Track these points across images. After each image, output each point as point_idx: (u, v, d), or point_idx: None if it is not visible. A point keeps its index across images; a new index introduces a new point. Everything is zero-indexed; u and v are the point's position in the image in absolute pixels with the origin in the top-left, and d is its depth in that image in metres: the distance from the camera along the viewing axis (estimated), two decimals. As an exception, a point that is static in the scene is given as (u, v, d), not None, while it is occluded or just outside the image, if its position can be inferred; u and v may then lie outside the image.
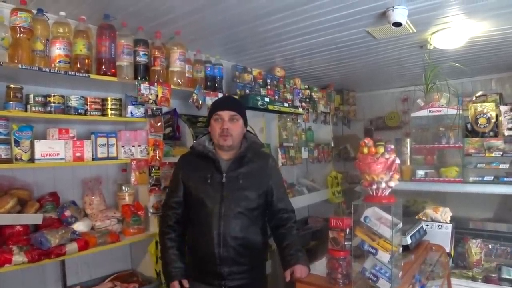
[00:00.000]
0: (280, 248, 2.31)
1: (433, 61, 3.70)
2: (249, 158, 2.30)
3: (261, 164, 2.34)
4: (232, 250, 2.14)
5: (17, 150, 2.21)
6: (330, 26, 3.02)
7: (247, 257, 2.20)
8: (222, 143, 2.23)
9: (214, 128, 2.26)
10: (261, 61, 4.04)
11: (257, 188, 2.27)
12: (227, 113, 2.24)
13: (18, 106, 2.25)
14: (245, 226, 2.18)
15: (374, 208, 1.78)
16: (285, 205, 2.38)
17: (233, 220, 2.15)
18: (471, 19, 2.97)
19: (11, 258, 2.08)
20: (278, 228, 2.34)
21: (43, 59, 2.34)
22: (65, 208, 2.54)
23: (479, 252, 2.97)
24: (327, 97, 5.41)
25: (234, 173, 2.23)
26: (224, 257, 2.13)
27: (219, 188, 2.20)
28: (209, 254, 2.14)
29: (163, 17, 2.74)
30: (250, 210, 2.22)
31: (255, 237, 2.25)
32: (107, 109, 2.65)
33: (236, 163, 2.26)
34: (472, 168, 3.20)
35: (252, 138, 2.41)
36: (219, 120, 2.24)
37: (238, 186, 2.21)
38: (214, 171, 2.23)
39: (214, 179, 2.21)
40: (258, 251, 2.29)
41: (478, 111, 3.20)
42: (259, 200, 2.27)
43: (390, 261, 1.70)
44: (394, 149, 1.76)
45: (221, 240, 2.13)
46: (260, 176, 2.31)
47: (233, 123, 2.25)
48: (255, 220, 2.26)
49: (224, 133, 2.21)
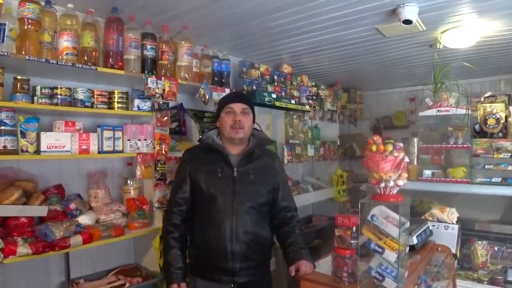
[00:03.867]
0: (283, 246, 2.29)
1: (442, 60, 3.66)
2: (257, 154, 2.29)
3: (268, 161, 2.34)
4: (244, 245, 2.12)
5: (23, 142, 2.22)
6: (339, 23, 3.00)
7: (257, 253, 2.19)
8: (233, 136, 2.20)
9: (225, 121, 2.22)
10: (269, 57, 4.02)
11: (266, 184, 2.26)
12: (239, 106, 2.23)
13: (25, 97, 2.25)
14: (255, 221, 2.17)
15: (381, 206, 1.75)
16: (289, 203, 2.37)
17: (244, 215, 2.13)
18: (482, 18, 2.93)
19: (16, 249, 2.08)
20: (281, 227, 2.33)
21: (50, 51, 2.34)
22: (70, 200, 2.55)
23: (485, 254, 2.94)
24: (334, 95, 5.38)
25: (245, 168, 2.21)
26: (237, 252, 2.10)
27: (231, 183, 2.17)
28: (221, 250, 2.11)
29: (171, 11, 2.73)
30: (260, 205, 2.21)
31: (265, 233, 2.24)
32: (114, 102, 2.65)
33: (246, 158, 2.24)
34: (480, 169, 3.17)
35: (260, 135, 2.39)
36: (231, 113, 2.22)
37: (249, 181, 2.19)
38: (224, 165, 2.20)
39: (225, 173, 2.18)
40: (266, 247, 2.29)
41: (488, 112, 3.16)
42: (268, 196, 2.26)
43: (396, 260, 1.68)
44: (403, 147, 1.74)
45: (234, 235, 2.10)
46: (269, 173, 2.30)
47: (244, 116, 2.23)
48: (264, 215, 2.26)
49: (237, 125, 2.19)
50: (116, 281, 2.72)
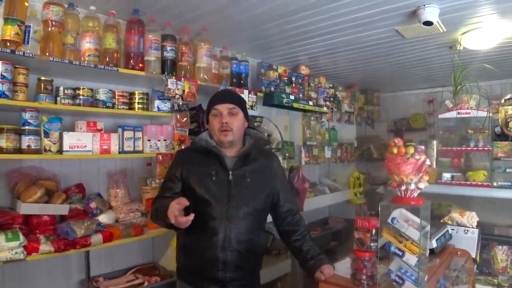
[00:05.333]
0: (299, 255, 2.14)
1: (462, 62, 3.62)
2: (254, 155, 2.12)
3: (266, 162, 2.18)
4: (237, 254, 1.98)
5: (46, 142, 2.26)
6: (357, 25, 2.99)
7: (249, 261, 2.06)
8: (222, 139, 2.05)
9: (213, 124, 2.08)
10: (287, 59, 4.02)
11: (264, 187, 2.12)
12: (225, 107, 2.06)
13: (48, 98, 2.30)
14: (251, 228, 2.04)
15: (401, 209, 1.74)
16: (292, 205, 2.23)
17: (240, 221, 1.99)
18: (503, 19, 2.90)
19: (38, 247, 2.13)
20: (290, 234, 2.19)
21: (73, 53, 2.38)
22: (90, 200, 2.59)
23: (505, 259, 2.89)
24: (352, 97, 5.35)
25: (241, 171, 2.06)
26: (228, 261, 1.96)
27: (226, 187, 2.01)
28: (212, 259, 1.96)
29: (190, 13, 2.75)
30: (258, 210, 2.08)
31: (259, 240, 2.13)
32: (134, 103, 2.68)
33: (242, 160, 2.08)
34: (501, 173, 3.11)
35: (257, 135, 2.23)
36: (217, 115, 2.07)
37: (246, 185, 2.04)
38: (219, 168, 2.04)
39: (220, 177, 2.02)
40: (260, 256, 2.19)
41: (509, 114, 3.10)
42: (266, 200, 2.13)
43: (417, 264, 1.66)
44: (424, 150, 1.73)
45: (226, 243, 1.96)
46: (266, 175, 2.15)
47: (232, 117, 2.06)
48: (261, 222, 2.15)
49: (224, 127, 2.03)
50: (134, 280, 2.76)
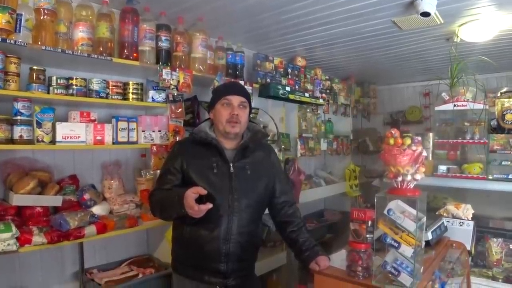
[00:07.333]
0: (295, 246, 2.17)
1: (459, 54, 3.60)
2: (252, 148, 2.13)
3: (263, 155, 2.20)
4: (239, 246, 2.01)
5: (39, 132, 2.23)
6: (354, 16, 2.96)
7: (249, 253, 2.11)
8: (229, 130, 2.04)
9: (221, 114, 2.05)
10: (283, 50, 4.00)
11: (263, 179, 2.14)
12: (237, 99, 2.07)
13: (41, 88, 2.26)
14: (251, 220, 2.06)
15: (397, 201, 1.73)
16: (288, 197, 2.26)
17: (242, 214, 2.01)
18: (501, 11, 2.87)
19: (31, 238, 2.10)
20: (286, 226, 2.21)
21: (66, 42, 2.34)
22: (84, 191, 2.57)
23: (499, 251, 2.90)
24: (348, 89, 5.34)
25: (241, 163, 2.07)
26: (231, 253, 1.99)
27: (227, 179, 2.01)
28: (213, 251, 1.98)
29: (185, 3, 2.71)
30: (258, 202, 2.10)
31: (258, 232, 2.17)
32: (129, 93, 2.65)
33: (241, 152, 2.09)
34: (496, 165, 3.12)
35: (255, 128, 2.25)
36: (228, 105, 2.05)
37: (246, 177, 2.06)
38: (220, 160, 2.03)
39: (221, 169, 2.02)
40: (258, 247, 2.22)
41: (506, 107, 3.10)
42: (266, 192, 2.15)
43: (413, 255, 1.66)
44: (421, 141, 1.71)
45: (229, 235, 1.98)
46: (265, 167, 2.17)
47: (242, 110, 2.08)
48: (260, 213, 2.18)
49: (234, 119, 2.03)
50: (129, 272, 2.74)
